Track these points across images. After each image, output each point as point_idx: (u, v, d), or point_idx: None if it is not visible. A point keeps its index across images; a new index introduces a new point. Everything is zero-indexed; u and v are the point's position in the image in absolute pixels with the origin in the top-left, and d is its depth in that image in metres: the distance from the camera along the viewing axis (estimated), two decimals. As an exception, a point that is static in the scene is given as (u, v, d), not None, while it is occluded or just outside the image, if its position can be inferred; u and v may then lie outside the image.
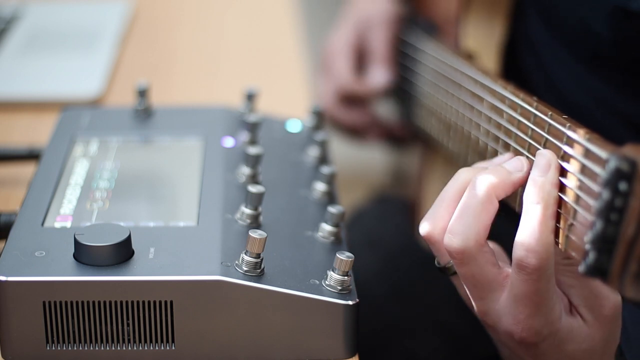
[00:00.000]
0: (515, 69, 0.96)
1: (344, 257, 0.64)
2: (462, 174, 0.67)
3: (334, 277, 0.64)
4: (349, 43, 1.13)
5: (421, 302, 1.02)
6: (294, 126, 0.86)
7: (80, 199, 0.72)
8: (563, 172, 0.62)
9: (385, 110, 1.16)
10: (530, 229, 0.61)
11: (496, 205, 0.63)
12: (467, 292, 0.66)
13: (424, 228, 0.66)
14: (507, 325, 0.64)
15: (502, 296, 0.64)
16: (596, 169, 0.58)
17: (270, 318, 0.64)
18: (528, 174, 0.64)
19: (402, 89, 1.07)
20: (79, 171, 0.76)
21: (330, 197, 0.76)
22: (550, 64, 0.92)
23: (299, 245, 0.69)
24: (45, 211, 0.70)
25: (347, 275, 0.64)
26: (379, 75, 1.08)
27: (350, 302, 0.64)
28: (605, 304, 0.65)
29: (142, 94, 0.85)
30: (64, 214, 0.70)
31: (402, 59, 1.06)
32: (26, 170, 0.84)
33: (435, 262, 0.69)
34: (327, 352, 0.65)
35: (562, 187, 0.62)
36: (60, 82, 1.04)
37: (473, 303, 0.66)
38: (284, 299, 0.63)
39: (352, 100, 1.13)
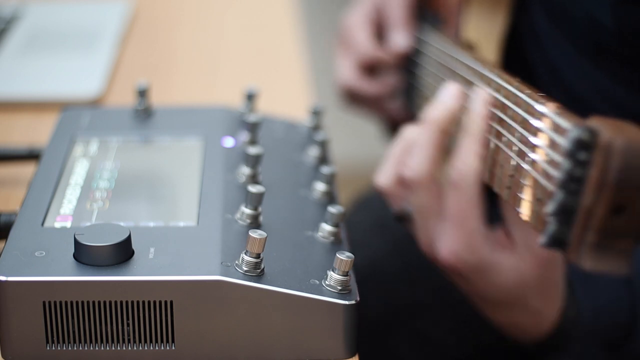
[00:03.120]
0: (519, 61, 0.96)
1: (344, 257, 0.64)
2: (405, 131, 0.77)
3: (334, 277, 0.64)
4: (367, 16, 1.12)
5: (432, 285, 1.02)
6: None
7: (80, 199, 0.72)
8: (534, 147, 0.63)
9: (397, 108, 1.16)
10: (459, 152, 0.71)
11: (442, 139, 0.74)
12: (417, 225, 0.75)
13: (377, 182, 0.77)
14: (439, 250, 0.73)
15: (438, 223, 0.73)
16: (560, 140, 0.58)
17: (270, 318, 0.64)
18: (460, 97, 0.74)
19: (408, 83, 1.07)
20: (79, 171, 0.76)
21: (330, 197, 0.76)
22: (555, 57, 0.92)
23: (299, 245, 0.69)
24: (45, 211, 0.70)
25: (347, 275, 0.64)
26: (400, 38, 1.06)
27: (350, 302, 0.64)
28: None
29: (142, 94, 0.85)
30: (64, 214, 0.70)
31: (410, 52, 1.06)
32: (26, 170, 0.84)
33: (392, 214, 0.77)
34: (327, 352, 0.65)
35: (532, 163, 0.63)
36: (60, 82, 1.04)
37: (421, 236, 0.75)
38: (284, 299, 0.63)
39: (373, 69, 1.12)
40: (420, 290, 1.03)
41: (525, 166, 0.64)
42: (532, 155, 0.63)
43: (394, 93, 1.14)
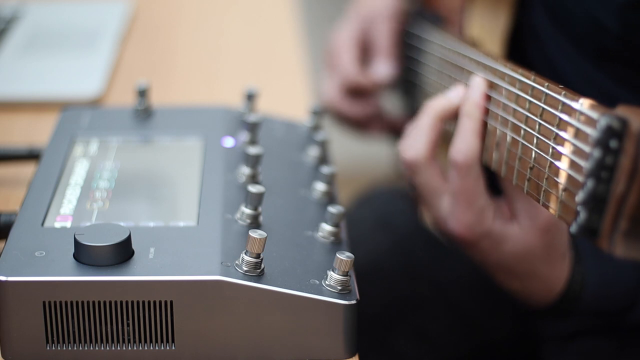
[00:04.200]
0: (521, 60, 0.96)
1: (344, 257, 0.64)
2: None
3: (334, 277, 0.64)
4: (353, 38, 1.14)
5: (432, 282, 1.03)
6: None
7: (80, 199, 0.72)
8: (558, 139, 0.63)
9: (391, 104, 1.16)
10: (461, 135, 0.75)
11: (440, 126, 0.78)
12: (424, 203, 0.81)
13: (401, 154, 0.80)
14: (451, 226, 0.77)
15: (446, 201, 0.78)
16: (588, 130, 0.58)
17: (270, 318, 0.64)
18: (463, 97, 0.77)
19: (408, 81, 1.07)
20: (79, 171, 0.76)
21: (330, 197, 0.76)
22: (556, 57, 0.92)
23: (299, 245, 0.69)
24: (45, 211, 0.70)
25: (347, 275, 0.64)
26: (382, 68, 1.09)
27: (350, 302, 0.64)
28: (540, 214, 0.75)
29: (142, 94, 0.85)
30: (64, 214, 0.70)
31: (408, 50, 1.06)
32: (26, 170, 0.84)
33: (408, 184, 0.83)
34: (327, 352, 0.65)
35: (557, 155, 0.63)
36: (60, 82, 1.04)
37: (429, 213, 0.81)
38: (284, 299, 0.63)
39: (357, 92, 1.14)
40: (421, 287, 1.03)
41: (549, 158, 0.64)
42: (557, 147, 0.63)
43: (380, 114, 1.15)
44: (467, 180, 0.75)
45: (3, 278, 0.62)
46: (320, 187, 0.76)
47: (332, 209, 0.70)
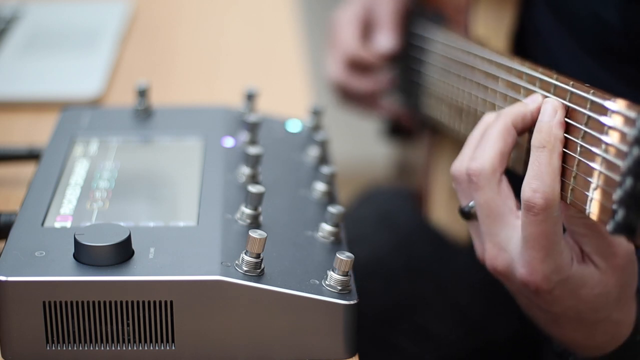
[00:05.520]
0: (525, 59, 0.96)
1: (344, 257, 0.64)
2: (487, 116, 0.72)
3: (334, 277, 0.64)
4: (355, 15, 1.14)
5: (434, 282, 1.03)
6: (294, 126, 0.86)
7: (80, 199, 0.72)
8: (588, 138, 0.62)
9: (391, 104, 1.16)
10: (537, 171, 0.65)
11: (514, 135, 0.68)
12: (481, 228, 0.69)
13: (452, 167, 0.71)
14: (522, 276, 0.67)
15: (514, 238, 0.67)
16: (625, 129, 0.58)
17: (270, 318, 0.64)
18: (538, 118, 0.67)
19: (409, 81, 1.07)
20: (79, 171, 0.76)
21: (330, 197, 0.76)
22: (559, 56, 0.92)
23: (299, 245, 0.69)
24: (45, 211, 0.70)
25: (347, 275, 0.64)
26: (384, 40, 1.08)
27: (350, 302, 0.64)
28: (617, 251, 0.67)
29: (142, 94, 0.85)
30: (64, 214, 0.70)
31: (409, 50, 1.06)
32: (26, 170, 0.84)
33: (458, 207, 0.72)
34: (327, 352, 0.65)
35: (588, 153, 0.62)
36: (60, 82, 1.05)
37: (486, 243, 0.69)
38: (284, 299, 0.63)
39: (360, 67, 1.13)
40: (422, 285, 1.03)
41: (577, 156, 0.63)
42: (587, 146, 0.62)
43: (385, 90, 1.14)
44: (546, 225, 0.65)
45: (3, 278, 0.62)
46: (320, 187, 0.76)
47: (332, 209, 0.70)
